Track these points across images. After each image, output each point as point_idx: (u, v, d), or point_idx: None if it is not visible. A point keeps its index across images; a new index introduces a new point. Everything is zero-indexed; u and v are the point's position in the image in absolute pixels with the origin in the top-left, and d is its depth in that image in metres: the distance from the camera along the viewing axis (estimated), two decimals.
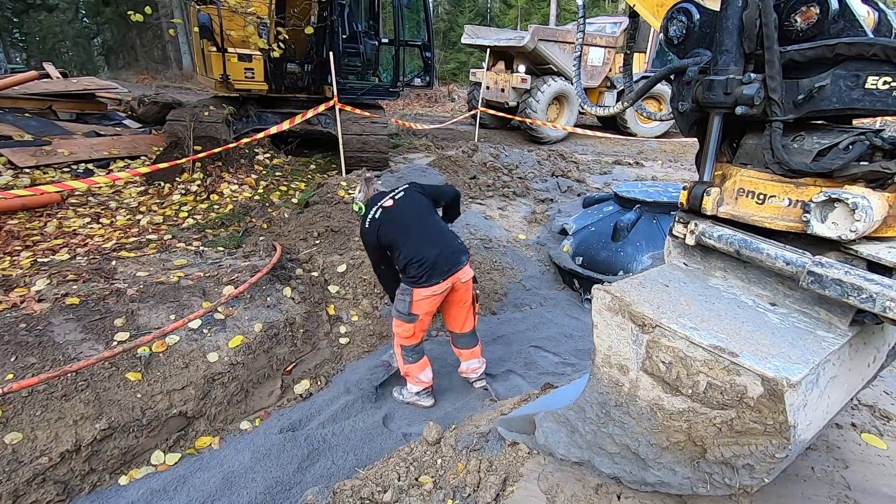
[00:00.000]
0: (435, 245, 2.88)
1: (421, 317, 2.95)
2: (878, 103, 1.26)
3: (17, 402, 2.50)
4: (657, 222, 4.51)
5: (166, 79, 19.92)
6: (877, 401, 2.47)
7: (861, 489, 1.89)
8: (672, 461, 1.47)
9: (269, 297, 3.69)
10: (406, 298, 2.91)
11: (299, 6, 6.79)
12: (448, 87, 20.54)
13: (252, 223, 5.18)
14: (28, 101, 7.93)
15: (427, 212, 3.04)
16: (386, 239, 2.91)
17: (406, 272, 2.88)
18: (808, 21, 1.35)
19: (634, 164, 9.34)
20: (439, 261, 2.85)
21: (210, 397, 3.02)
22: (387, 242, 2.92)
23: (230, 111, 6.88)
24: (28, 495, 2.37)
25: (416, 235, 2.89)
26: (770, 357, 1.26)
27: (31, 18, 24.35)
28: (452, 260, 2.91)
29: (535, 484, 1.97)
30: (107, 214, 5.05)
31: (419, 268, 2.82)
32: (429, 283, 2.84)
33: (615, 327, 1.53)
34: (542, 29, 10.52)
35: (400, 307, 2.97)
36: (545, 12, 24.22)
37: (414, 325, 2.97)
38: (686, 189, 1.62)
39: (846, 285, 1.24)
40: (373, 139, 7.19)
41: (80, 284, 3.44)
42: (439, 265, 2.85)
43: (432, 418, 2.98)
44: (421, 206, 3.03)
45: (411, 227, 2.91)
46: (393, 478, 2.19)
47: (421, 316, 2.95)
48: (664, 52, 10.98)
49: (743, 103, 1.39)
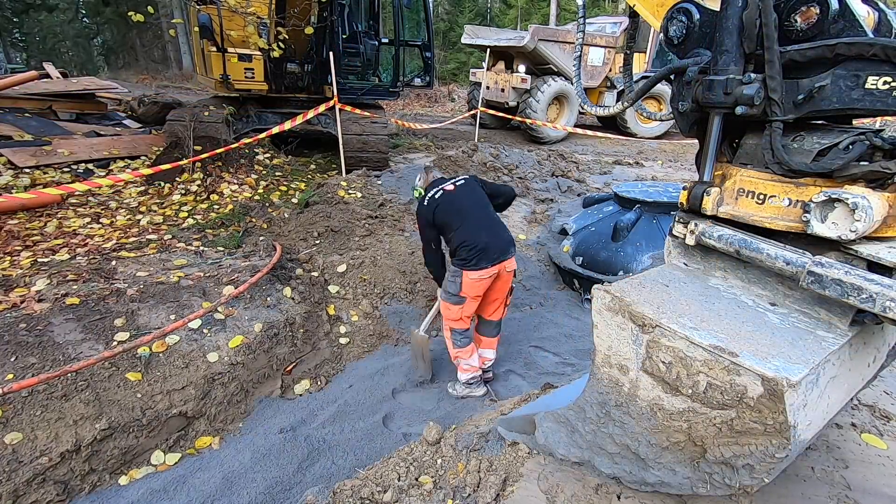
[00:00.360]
0: (487, 232, 3.04)
1: (468, 300, 3.09)
2: (878, 103, 1.26)
3: (17, 402, 2.50)
4: (657, 222, 4.51)
5: (166, 79, 19.91)
6: (877, 401, 2.47)
7: (861, 489, 1.89)
8: (672, 461, 1.47)
9: (269, 297, 3.69)
10: (456, 280, 3.06)
11: (299, 6, 6.79)
12: (448, 87, 20.53)
13: (252, 223, 5.18)
14: (28, 101, 7.92)
15: (483, 201, 3.20)
16: (441, 219, 3.06)
17: (457, 254, 3.04)
18: (808, 21, 1.35)
19: (634, 164, 9.33)
20: (489, 247, 3.00)
21: (210, 397, 3.02)
22: (441, 222, 3.07)
23: (230, 111, 6.87)
24: (28, 495, 2.37)
25: (471, 221, 3.05)
26: (770, 357, 1.26)
27: (31, 18, 24.34)
28: (501, 248, 3.06)
29: (535, 484, 1.97)
30: (107, 214, 5.05)
31: (470, 251, 2.97)
32: (478, 267, 2.99)
33: (615, 327, 1.53)
34: (542, 29, 10.51)
35: (450, 288, 3.11)
36: (545, 12, 24.22)
37: (461, 307, 3.10)
38: (686, 189, 1.62)
39: (846, 285, 1.24)
40: (373, 139, 7.19)
41: (80, 284, 3.44)
42: (489, 251, 3.00)
43: (432, 418, 2.98)
44: (478, 195, 3.20)
45: (467, 213, 3.07)
46: (393, 478, 2.19)
47: (468, 299, 3.08)
48: (664, 52, 10.98)
49: (743, 103, 1.39)
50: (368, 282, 4.27)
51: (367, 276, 4.31)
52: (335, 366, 3.70)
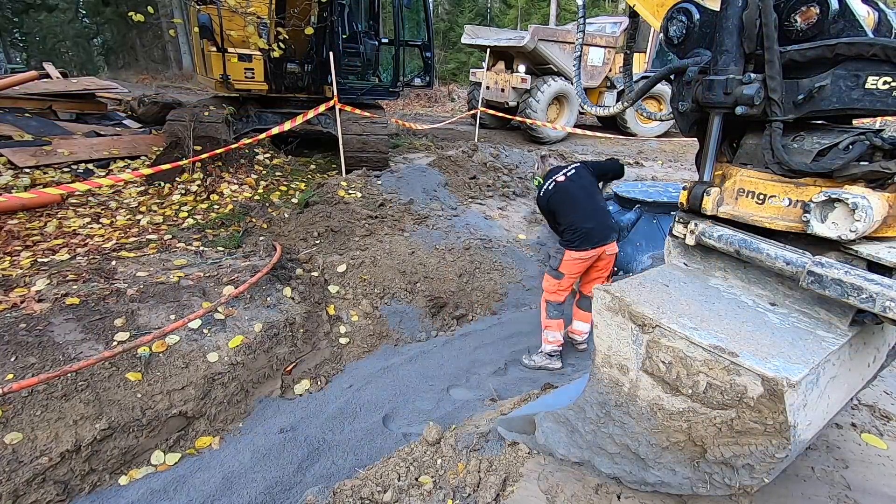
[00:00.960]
0: (592, 219, 3.40)
1: (566, 276, 3.48)
2: (878, 103, 1.26)
3: (17, 402, 2.50)
4: (657, 222, 4.51)
5: (166, 79, 19.91)
6: (877, 401, 2.47)
7: (861, 489, 1.89)
8: (672, 461, 1.47)
9: (269, 297, 3.69)
10: (559, 256, 3.48)
11: (299, 6, 6.79)
12: (448, 87, 20.52)
13: (252, 223, 5.18)
14: (28, 101, 7.92)
15: (592, 189, 3.55)
16: (553, 206, 3.49)
17: (563, 236, 3.47)
18: (808, 21, 1.35)
19: (634, 164, 9.33)
20: (592, 233, 3.38)
21: (210, 397, 3.02)
22: (552, 209, 3.50)
23: (230, 111, 6.87)
24: (28, 495, 2.37)
25: (579, 209, 3.41)
26: (770, 357, 1.26)
27: (31, 18, 24.33)
28: (603, 234, 3.43)
29: (535, 484, 1.97)
30: (107, 214, 5.05)
31: (573, 234, 3.38)
32: (579, 249, 3.39)
33: (615, 327, 1.53)
34: (542, 29, 10.51)
35: (552, 263, 3.53)
36: (545, 12, 24.20)
37: (560, 281, 3.50)
38: (686, 189, 1.62)
39: (846, 285, 1.24)
40: (373, 139, 7.19)
41: (80, 284, 3.44)
42: (591, 236, 3.38)
43: (432, 418, 2.98)
44: (588, 183, 3.53)
45: (576, 202, 3.44)
46: (393, 478, 2.19)
47: (567, 275, 3.48)
48: (664, 52, 10.98)
49: (743, 103, 1.39)
50: (368, 282, 4.27)
51: (367, 276, 4.31)
52: (335, 366, 3.70)
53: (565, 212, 3.43)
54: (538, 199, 3.64)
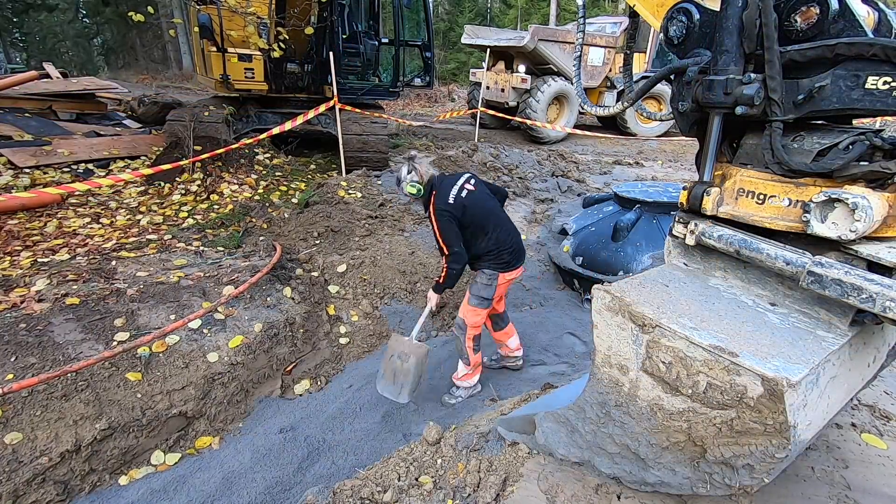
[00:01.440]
0: (515, 233, 3.13)
1: (493, 302, 3.14)
2: (878, 103, 1.26)
3: (17, 402, 2.50)
4: (657, 222, 4.51)
5: (166, 79, 19.92)
6: (877, 401, 2.47)
7: (861, 489, 1.89)
8: (672, 461, 1.47)
9: (269, 297, 3.69)
10: (493, 283, 3.03)
11: (299, 6, 6.79)
12: (448, 87, 20.54)
13: (252, 223, 5.18)
14: (28, 101, 7.93)
15: (498, 202, 3.20)
16: (471, 220, 2.94)
17: (498, 258, 3.00)
18: (808, 21, 1.34)
19: (634, 164, 9.33)
20: (520, 246, 3.12)
21: (210, 397, 3.02)
22: (471, 223, 2.94)
23: (230, 111, 6.88)
24: (28, 495, 2.37)
25: (502, 223, 3.07)
26: (770, 357, 1.26)
27: (31, 18, 24.34)
28: (523, 249, 3.17)
29: (535, 484, 1.97)
30: (107, 214, 5.05)
31: (510, 254, 3.03)
32: (514, 268, 3.08)
33: (615, 327, 1.53)
34: (542, 29, 10.51)
35: (485, 293, 3.04)
36: (545, 12, 24.20)
37: (487, 310, 3.14)
38: (686, 189, 1.62)
39: (846, 285, 1.24)
40: (373, 139, 7.20)
41: (80, 284, 3.44)
42: (520, 251, 3.12)
43: (432, 418, 2.98)
44: (492, 196, 3.16)
45: (496, 215, 3.05)
46: (393, 478, 2.19)
47: (494, 301, 3.14)
48: (664, 52, 10.98)
49: (743, 103, 1.39)
50: (368, 282, 4.27)
51: (367, 276, 4.31)
52: (335, 366, 3.70)
53: (490, 226, 2.96)
54: (444, 208, 2.87)
